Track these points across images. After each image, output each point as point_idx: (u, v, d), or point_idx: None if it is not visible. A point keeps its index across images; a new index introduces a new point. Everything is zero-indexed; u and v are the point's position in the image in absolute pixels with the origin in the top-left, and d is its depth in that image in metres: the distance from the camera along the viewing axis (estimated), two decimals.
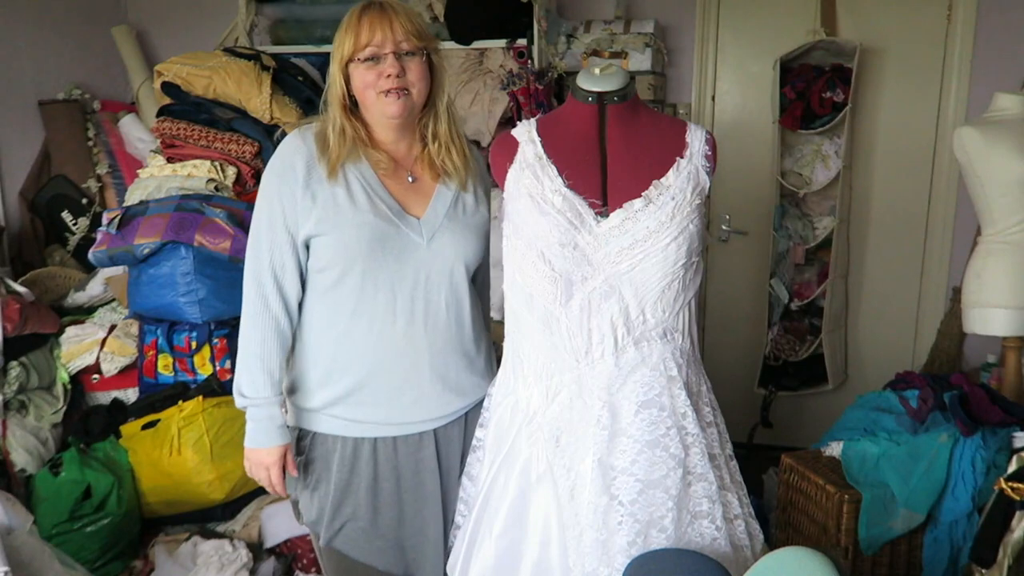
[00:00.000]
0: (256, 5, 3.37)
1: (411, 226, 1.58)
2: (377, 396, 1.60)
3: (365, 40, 1.52)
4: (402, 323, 1.58)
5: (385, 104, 1.54)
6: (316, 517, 1.65)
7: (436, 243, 1.59)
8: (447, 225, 1.61)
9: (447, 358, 1.63)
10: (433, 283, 1.59)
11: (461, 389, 1.66)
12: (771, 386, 3.62)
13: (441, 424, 1.66)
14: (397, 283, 1.57)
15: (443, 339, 1.61)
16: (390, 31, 1.51)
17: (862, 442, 2.41)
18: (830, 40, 3.39)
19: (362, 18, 1.52)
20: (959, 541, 2.29)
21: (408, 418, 1.62)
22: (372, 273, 1.55)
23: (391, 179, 1.61)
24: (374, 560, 1.64)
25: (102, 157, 3.45)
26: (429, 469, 1.65)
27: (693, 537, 1.44)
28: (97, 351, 2.77)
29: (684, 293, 1.47)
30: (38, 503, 2.44)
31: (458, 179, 1.63)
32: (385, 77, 1.52)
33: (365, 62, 1.52)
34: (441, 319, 1.61)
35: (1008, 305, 2.57)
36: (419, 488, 1.65)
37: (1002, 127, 2.58)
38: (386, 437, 1.62)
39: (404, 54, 1.53)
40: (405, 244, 1.57)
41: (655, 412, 1.43)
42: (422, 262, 1.58)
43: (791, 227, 3.57)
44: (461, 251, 1.61)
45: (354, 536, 1.63)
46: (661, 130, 1.54)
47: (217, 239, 2.58)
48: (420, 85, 1.56)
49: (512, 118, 3.01)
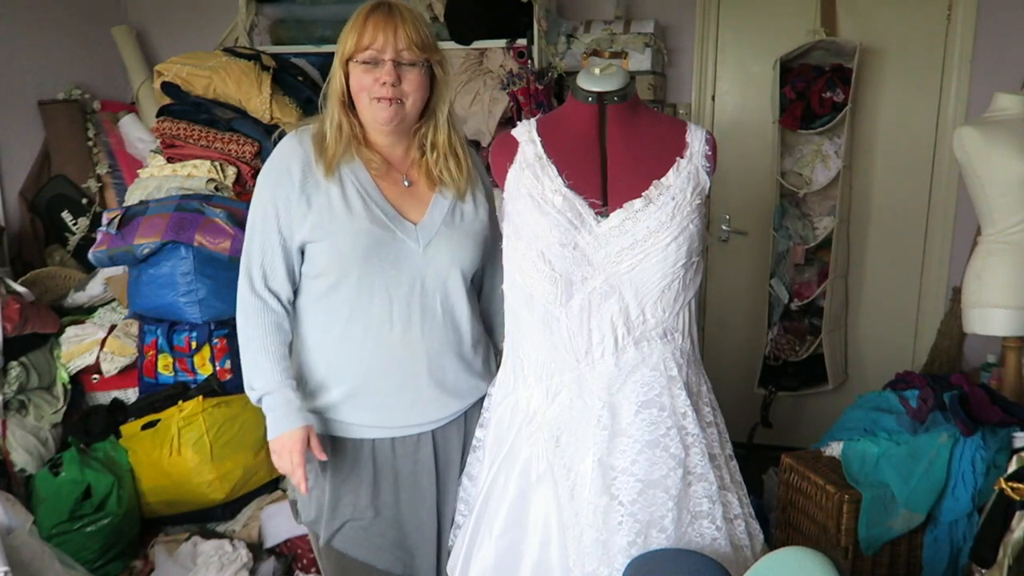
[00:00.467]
0: (256, 5, 3.37)
1: (407, 231, 1.58)
2: (374, 401, 1.60)
3: (367, 42, 1.51)
4: (399, 329, 1.57)
5: (376, 110, 1.54)
6: (315, 516, 1.65)
7: (432, 249, 1.59)
8: (444, 231, 1.60)
9: (444, 362, 1.62)
10: (429, 289, 1.59)
11: (459, 392, 1.66)
12: (771, 386, 3.62)
13: (439, 426, 1.66)
14: (393, 289, 1.56)
15: (440, 344, 1.61)
16: (393, 37, 1.50)
17: (862, 442, 2.41)
18: (830, 40, 3.39)
19: (368, 19, 1.52)
20: (959, 541, 2.29)
21: (405, 421, 1.62)
22: (367, 279, 1.55)
23: (385, 181, 1.60)
24: (373, 559, 1.64)
25: (102, 157, 3.45)
26: (426, 469, 1.65)
27: (693, 537, 1.44)
28: (97, 351, 2.77)
29: (684, 293, 1.47)
30: (38, 503, 2.44)
31: (455, 189, 1.63)
32: (380, 84, 1.51)
33: (363, 64, 1.52)
34: (438, 324, 1.60)
35: (1008, 305, 2.57)
36: (416, 488, 1.65)
37: (1002, 127, 2.58)
38: (383, 438, 1.63)
39: (403, 63, 1.52)
40: (401, 250, 1.57)
41: (655, 412, 1.43)
42: (418, 268, 1.58)
43: (791, 227, 3.57)
44: (458, 257, 1.61)
45: (353, 535, 1.63)
46: (661, 130, 1.54)
47: (217, 239, 2.58)
48: (415, 96, 1.55)
49: (512, 118, 3.01)
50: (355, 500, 1.62)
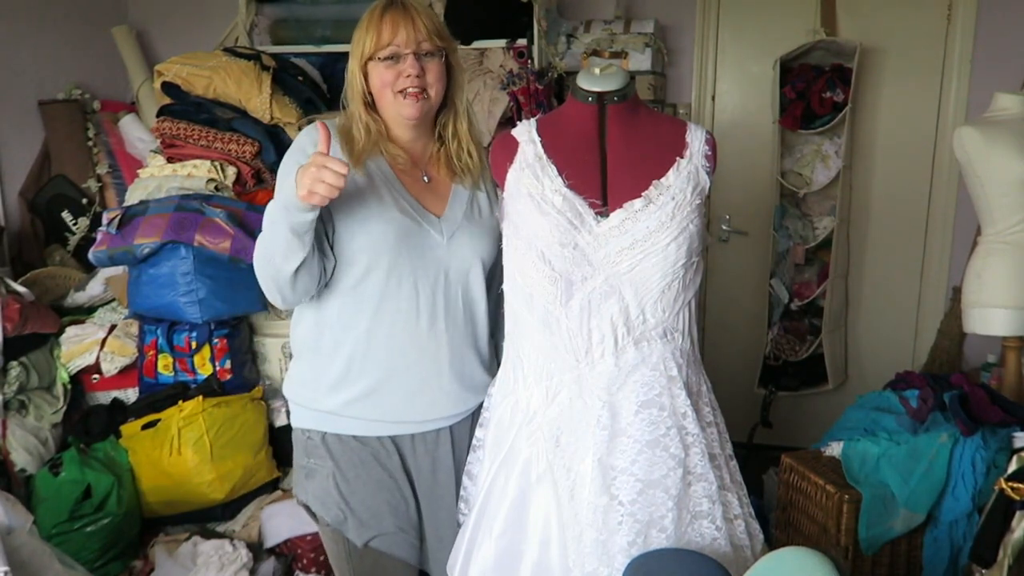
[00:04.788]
0: (256, 5, 3.37)
1: (432, 224, 1.59)
2: (396, 395, 1.59)
3: (387, 39, 1.51)
4: (425, 320, 1.58)
5: (402, 105, 1.54)
6: (342, 518, 1.61)
7: (455, 242, 1.60)
8: (465, 225, 1.61)
9: (464, 355, 1.63)
10: (452, 281, 1.60)
11: (475, 386, 1.66)
12: (771, 386, 3.62)
13: (456, 421, 1.66)
14: (420, 280, 1.57)
15: (460, 337, 1.62)
16: (412, 30, 1.51)
17: (862, 442, 2.41)
18: (830, 40, 3.39)
19: (384, 16, 1.52)
20: (959, 541, 2.29)
21: (426, 416, 1.62)
22: (397, 269, 1.55)
23: (407, 177, 1.61)
24: (408, 556, 1.64)
25: (102, 157, 3.44)
26: (445, 467, 1.65)
27: (693, 537, 1.44)
28: (97, 351, 2.77)
29: (684, 293, 1.47)
30: (38, 503, 2.44)
31: (471, 177, 1.64)
32: (405, 77, 1.52)
33: (385, 61, 1.52)
34: (459, 317, 1.61)
35: (1008, 305, 2.57)
36: (435, 486, 1.65)
37: (1002, 127, 2.58)
38: (404, 435, 1.62)
39: (424, 55, 1.53)
40: (427, 241, 1.57)
41: (655, 412, 1.43)
42: (442, 260, 1.58)
43: (791, 227, 3.57)
44: (479, 250, 1.62)
45: (389, 535, 1.62)
46: (661, 130, 1.54)
47: (217, 239, 2.58)
48: (438, 86, 1.56)
49: (512, 118, 3.01)
50: (385, 499, 1.61)
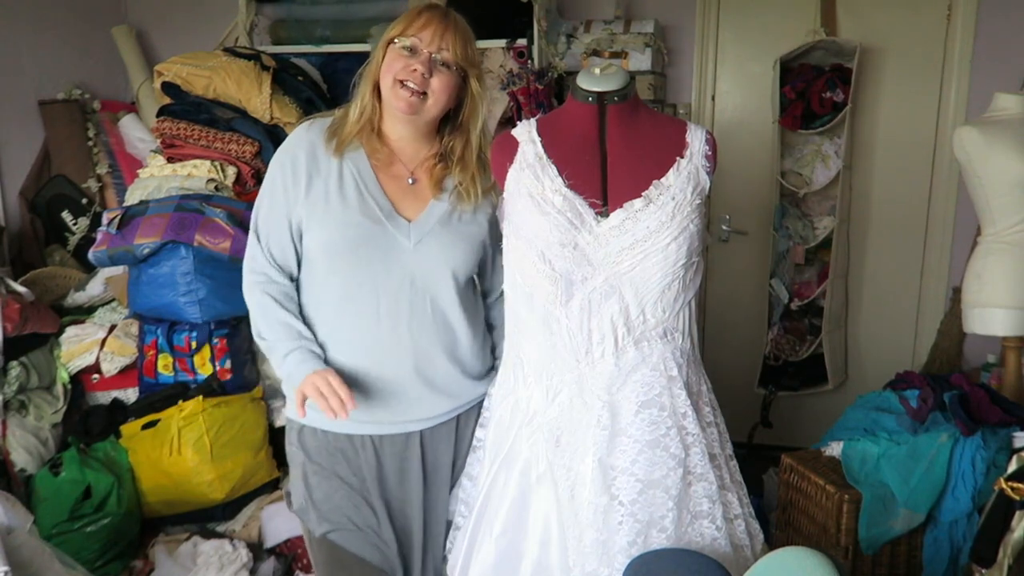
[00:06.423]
0: (256, 5, 3.38)
1: (399, 227, 1.58)
2: (360, 395, 1.59)
3: (414, 31, 1.54)
4: (386, 324, 1.58)
5: (396, 95, 1.55)
6: (306, 507, 1.65)
7: (423, 247, 1.59)
8: (438, 231, 1.60)
9: (434, 361, 1.62)
10: (419, 286, 1.59)
11: (450, 392, 1.65)
12: (771, 386, 3.62)
13: (428, 426, 1.65)
14: (381, 284, 1.57)
15: (429, 343, 1.61)
16: (440, 36, 1.53)
17: (862, 442, 2.41)
18: (830, 40, 3.39)
19: (423, 12, 1.55)
20: (959, 541, 2.29)
21: (393, 418, 1.62)
22: (357, 272, 1.56)
23: (385, 174, 1.61)
24: (364, 553, 1.64)
25: (102, 157, 3.44)
26: (413, 471, 1.65)
27: (693, 537, 1.44)
28: (97, 351, 2.77)
29: (684, 293, 1.47)
30: (38, 503, 2.44)
31: (466, 203, 1.62)
32: (411, 71, 1.53)
33: (402, 48, 1.54)
34: (427, 322, 1.60)
35: (1008, 305, 2.57)
36: (402, 488, 1.65)
37: (1002, 127, 2.58)
38: (371, 435, 1.63)
39: (441, 63, 1.54)
40: (391, 245, 1.57)
41: (655, 412, 1.43)
42: (407, 265, 1.58)
43: (791, 227, 3.57)
44: (449, 257, 1.60)
45: (346, 530, 1.63)
46: (661, 130, 1.54)
47: (217, 239, 2.58)
48: (440, 96, 1.56)
49: (512, 118, 3.01)
50: (342, 495, 1.62)
